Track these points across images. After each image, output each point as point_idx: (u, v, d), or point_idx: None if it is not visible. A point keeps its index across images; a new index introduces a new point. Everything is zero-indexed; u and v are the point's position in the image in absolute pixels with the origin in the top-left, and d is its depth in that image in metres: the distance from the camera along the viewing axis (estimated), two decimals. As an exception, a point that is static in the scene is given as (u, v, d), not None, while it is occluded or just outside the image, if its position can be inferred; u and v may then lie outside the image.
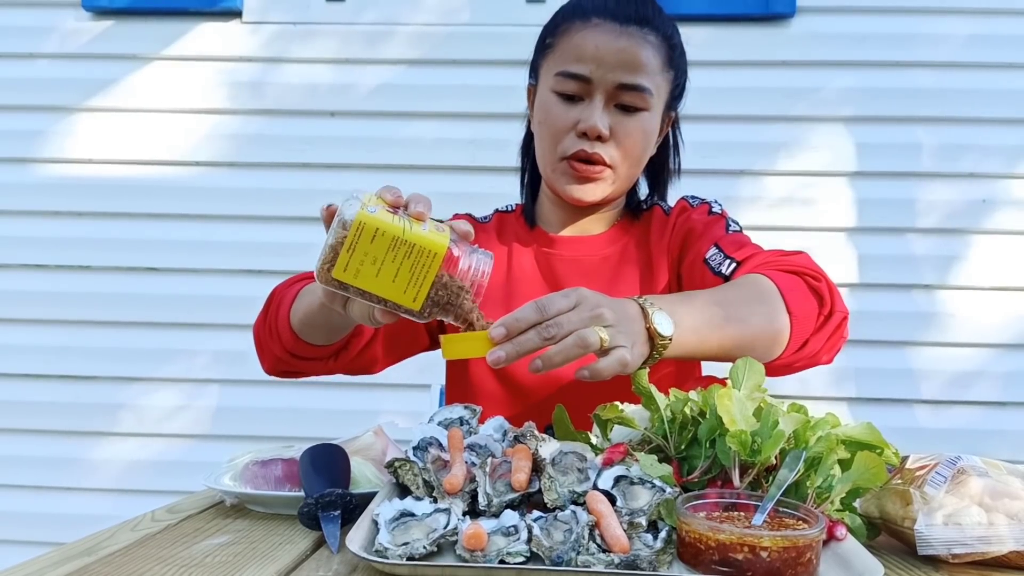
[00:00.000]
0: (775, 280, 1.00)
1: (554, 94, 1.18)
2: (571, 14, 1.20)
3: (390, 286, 0.81)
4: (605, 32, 1.14)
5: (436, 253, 0.79)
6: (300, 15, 2.34)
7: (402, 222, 0.80)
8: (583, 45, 1.15)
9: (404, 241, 0.79)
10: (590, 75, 1.14)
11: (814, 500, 0.78)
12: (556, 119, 1.17)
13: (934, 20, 2.26)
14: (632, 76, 1.14)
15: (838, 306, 1.05)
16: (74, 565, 0.74)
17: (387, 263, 0.80)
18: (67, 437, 2.31)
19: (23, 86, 2.36)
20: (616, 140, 1.16)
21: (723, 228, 1.20)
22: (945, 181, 2.25)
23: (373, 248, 0.79)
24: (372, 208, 0.80)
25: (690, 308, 0.91)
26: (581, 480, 0.80)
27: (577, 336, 0.79)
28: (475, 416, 0.96)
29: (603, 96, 1.15)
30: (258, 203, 2.31)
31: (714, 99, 2.28)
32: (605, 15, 1.16)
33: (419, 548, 0.70)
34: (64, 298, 2.32)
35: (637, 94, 1.15)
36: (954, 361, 2.23)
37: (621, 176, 1.20)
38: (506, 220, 1.36)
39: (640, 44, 1.14)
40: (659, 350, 0.85)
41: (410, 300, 0.81)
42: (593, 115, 1.14)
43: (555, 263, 1.27)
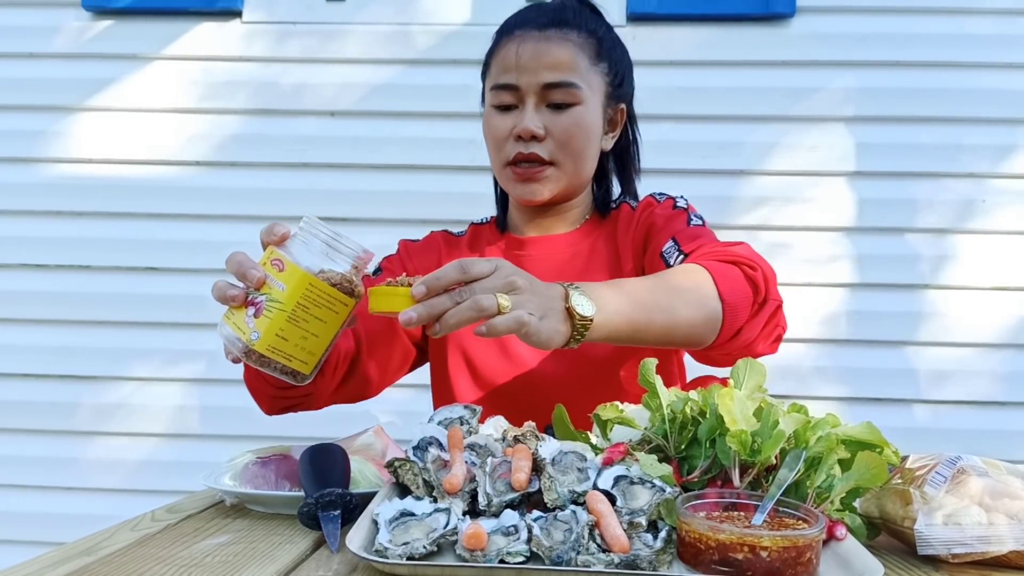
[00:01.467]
0: (710, 269, 1.01)
1: (492, 108, 1.24)
2: (499, 34, 1.27)
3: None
4: (526, 40, 1.21)
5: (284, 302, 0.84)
6: (300, 15, 2.34)
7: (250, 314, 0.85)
8: (507, 56, 1.21)
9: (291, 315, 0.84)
10: (517, 82, 1.20)
11: (814, 500, 0.78)
12: (495, 129, 1.23)
13: (934, 20, 2.26)
14: (556, 74, 1.19)
15: (772, 294, 1.04)
16: (74, 565, 0.74)
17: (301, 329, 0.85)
18: (67, 437, 2.31)
19: (23, 86, 2.36)
20: (552, 137, 1.21)
21: (684, 222, 1.23)
22: (945, 181, 2.25)
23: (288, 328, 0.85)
24: (227, 329, 0.87)
25: (616, 293, 0.92)
26: (581, 480, 0.80)
27: (473, 300, 0.80)
28: (475, 416, 0.96)
29: (534, 98, 1.20)
30: (258, 203, 2.31)
31: (714, 99, 2.28)
32: (526, 26, 1.23)
33: (419, 548, 0.70)
34: (64, 298, 2.32)
35: (564, 90, 1.20)
36: (954, 361, 2.23)
37: (568, 172, 1.24)
38: (480, 231, 1.41)
39: (560, 43, 1.20)
40: (579, 330, 0.86)
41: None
42: (524, 117, 1.20)
43: (524, 264, 1.29)
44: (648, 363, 0.88)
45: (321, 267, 0.85)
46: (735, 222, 2.25)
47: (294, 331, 0.84)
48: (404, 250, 1.39)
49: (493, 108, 1.24)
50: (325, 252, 0.86)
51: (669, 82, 2.27)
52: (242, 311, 0.85)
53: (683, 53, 2.29)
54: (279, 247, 0.86)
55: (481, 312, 0.80)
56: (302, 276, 0.83)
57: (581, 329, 0.86)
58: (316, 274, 0.84)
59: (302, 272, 0.83)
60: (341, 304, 0.86)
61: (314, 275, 0.84)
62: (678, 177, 2.26)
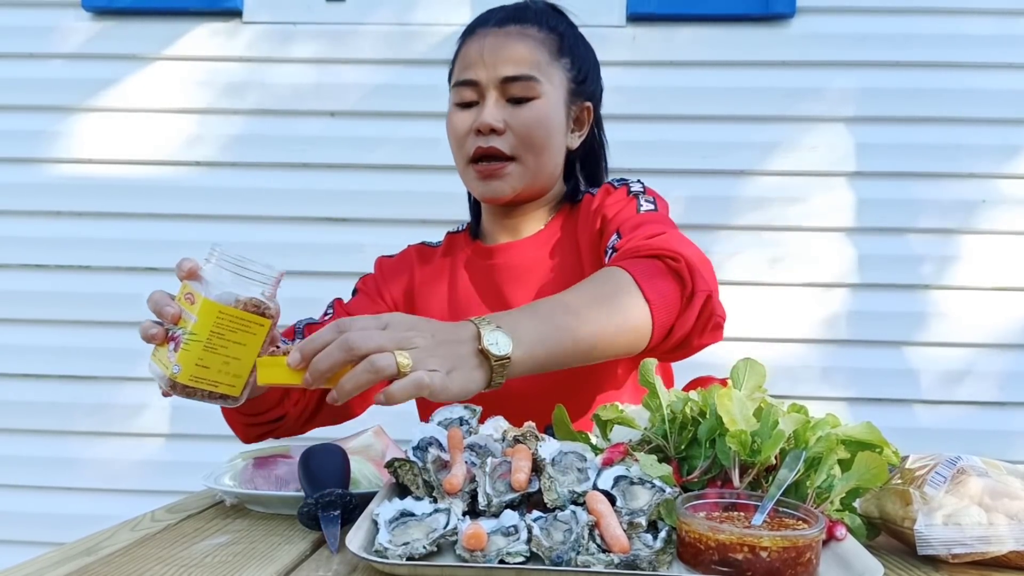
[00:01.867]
0: (630, 270, 0.96)
1: (454, 105, 1.24)
2: (462, 36, 1.28)
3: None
4: (485, 36, 1.22)
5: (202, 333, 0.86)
6: (300, 15, 2.34)
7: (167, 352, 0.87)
8: (468, 54, 1.22)
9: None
10: (476, 77, 1.20)
11: (814, 500, 0.78)
12: (456, 126, 1.23)
13: (934, 20, 2.26)
14: (515, 68, 1.19)
15: (699, 285, 0.98)
16: (74, 565, 0.74)
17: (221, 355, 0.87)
18: (67, 437, 2.31)
19: (23, 86, 2.36)
20: (512, 131, 1.19)
21: (633, 210, 1.17)
22: (944, 181, 2.25)
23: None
24: (154, 366, 0.88)
25: (533, 319, 0.86)
26: (581, 480, 0.80)
27: (368, 361, 0.73)
28: (475, 416, 0.96)
29: (494, 93, 1.20)
30: (258, 203, 2.31)
31: (714, 99, 2.28)
32: (485, 24, 1.24)
33: (419, 548, 0.70)
34: (64, 298, 2.32)
35: (524, 84, 1.19)
36: (954, 361, 2.23)
37: (530, 167, 1.22)
38: (455, 240, 1.40)
39: (519, 38, 1.20)
40: (497, 372, 0.80)
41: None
42: (484, 111, 1.19)
43: (492, 273, 1.29)
44: (648, 363, 0.88)
45: (231, 293, 0.86)
46: (735, 222, 2.25)
47: (214, 358, 0.86)
48: (379, 269, 1.38)
49: (455, 106, 1.24)
50: (233, 279, 0.87)
51: (669, 82, 2.27)
52: (164, 347, 0.87)
53: (683, 53, 2.29)
54: (190, 280, 0.88)
55: (379, 373, 0.73)
56: (211, 306, 0.85)
57: (499, 370, 0.80)
58: (226, 302, 0.86)
59: (211, 302, 0.85)
60: (256, 325, 0.88)
61: (223, 304, 0.85)
62: (678, 177, 2.26)
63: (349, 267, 2.29)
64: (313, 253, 2.29)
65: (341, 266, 2.28)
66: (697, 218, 2.25)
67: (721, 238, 2.25)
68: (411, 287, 1.34)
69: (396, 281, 1.35)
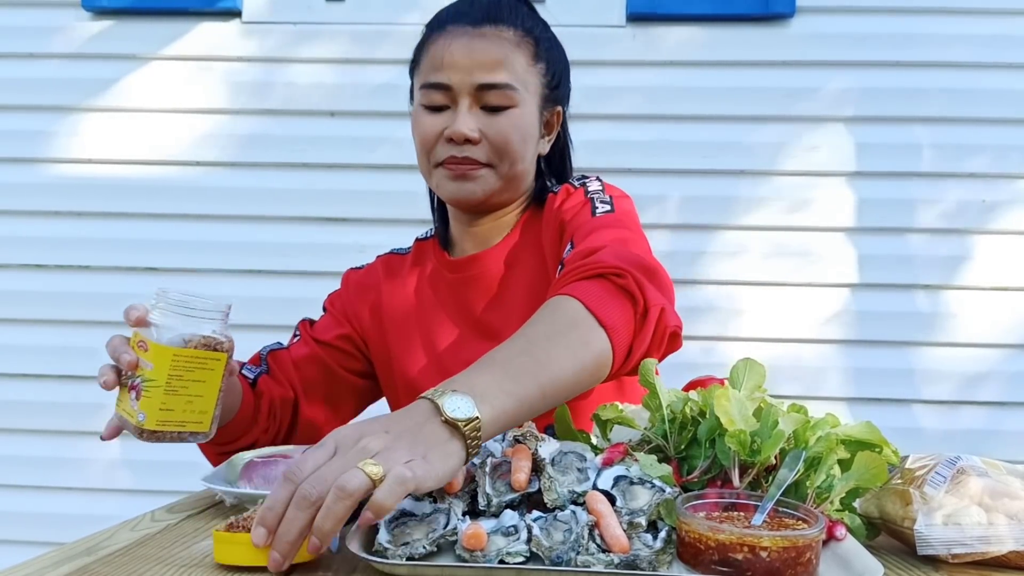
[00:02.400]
0: (580, 297, 0.90)
1: (422, 107, 1.18)
2: (429, 28, 1.20)
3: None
4: (458, 36, 1.14)
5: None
6: (300, 15, 2.34)
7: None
8: (439, 54, 1.14)
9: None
10: (449, 81, 1.13)
11: (814, 500, 0.78)
12: (424, 130, 1.17)
13: (934, 20, 2.26)
14: (491, 75, 1.13)
15: (651, 300, 0.93)
16: (74, 565, 0.74)
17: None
18: (67, 437, 2.31)
19: (22, 86, 2.36)
20: (488, 140, 1.14)
21: (588, 214, 1.12)
22: (945, 181, 2.25)
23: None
24: (119, 416, 0.89)
25: (490, 372, 0.79)
26: (581, 480, 0.80)
27: (336, 488, 0.65)
28: (475, 416, 0.96)
29: (467, 100, 1.14)
30: (258, 203, 2.31)
31: (714, 99, 2.28)
32: (458, 20, 1.16)
33: (419, 548, 0.70)
34: (64, 298, 2.32)
35: (500, 92, 1.13)
36: (954, 361, 2.23)
37: (503, 174, 1.17)
38: (424, 248, 1.35)
39: (495, 42, 1.14)
40: (472, 438, 0.73)
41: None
42: (457, 120, 1.13)
43: (457, 287, 1.25)
44: (648, 363, 0.88)
45: (181, 334, 0.86)
46: (735, 222, 2.25)
47: (176, 400, 0.87)
48: (345, 287, 1.35)
49: (423, 108, 1.18)
50: (183, 320, 0.88)
51: (669, 82, 2.27)
52: (127, 396, 0.88)
53: (683, 53, 2.29)
54: (139, 328, 0.89)
55: (353, 496, 0.65)
56: (164, 351, 0.85)
57: (473, 435, 0.73)
58: (178, 344, 0.86)
59: (163, 347, 0.86)
60: (213, 360, 0.88)
61: (176, 347, 0.86)
62: (678, 177, 2.26)
63: (349, 267, 2.29)
64: (313, 253, 2.29)
65: (341, 266, 2.25)
66: (697, 218, 2.25)
67: (721, 238, 2.25)
68: (378, 304, 1.30)
69: (362, 300, 1.31)
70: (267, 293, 2.28)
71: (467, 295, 1.24)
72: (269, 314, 2.27)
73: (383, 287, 1.32)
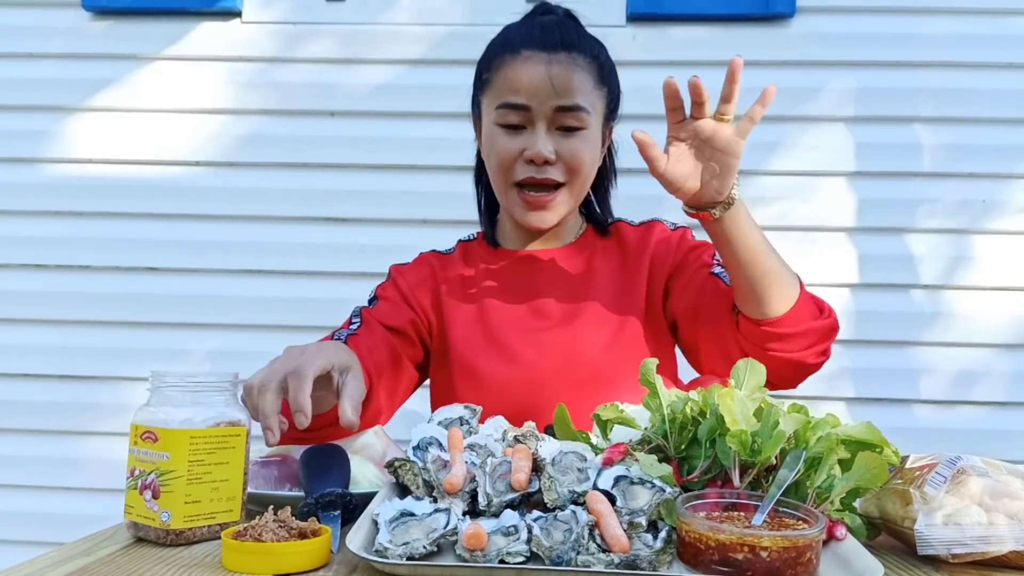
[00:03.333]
0: (800, 279, 1.19)
1: (498, 126, 1.24)
2: (502, 48, 1.27)
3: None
4: (536, 62, 1.21)
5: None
6: (300, 15, 2.34)
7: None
8: (516, 77, 1.22)
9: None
10: (528, 103, 1.21)
11: (814, 500, 0.78)
12: (503, 150, 1.24)
13: (934, 20, 2.26)
14: (568, 99, 1.21)
15: (834, 318, 1.19)
16: (74, 565, 0.74)
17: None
18: (67, 437, 2.30)
19: (23, 86, 2.36)
20: (562, 161, 1.22)
21: (711, 255, 1.31)
22: (945, 181, 2.25)
23: None
24: (136, 524, 0.84)
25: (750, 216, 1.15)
26: (581, 480, 0.80)
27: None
28: (475, 416, 0.96)
29: (544, 122, 1.22)
30: (258, 203, 2.31)
31: (714, 99, 2.28)
32: (533, 46, 1.23)
33: (419, 548, 0.71)
34: (64, 298, 2.32)
35: (575, 115, 1.22)
36: (954, 361, 2.22)
37: (574, 195, 1.27)
38: (470, 247, 1.42)
39: (570, 68, 1.22)
40: (724, 207, 1.11)
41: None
42: (537, 142, 1.21)
43: (525, 275, 1.32)
44: (649, 363, 0.88)
45: (190, 416, 0.81)
46: (735, 222, 2.24)
47: (201, 489, 0.81)
48: (400, 277, 1.38)
49: (499, 127, 1.24)
50: (189, 399, 0.82)
51: (669, 82, 2.27)
52: (139, 500, 0.81)
53: (683, 53, 2.29)
54: (143, 421, 0.82)
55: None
56: (180, 435, 0.79)
57: (726, 205, 1.11)
58: (194, 426, 0.81)
59: (178, 431, 0.80)
60: (233, 437, 0.83)
61: (192, 428, 0.80)
62: (678, 177, 2.25)
63: (349, 267, 2.29)
64: (313, 253, 2.29)
65: (341, 266, 2.28)
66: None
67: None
68: (437, 296, 1.35)
69: (422, 290, 1.35)
70: (267, 293, 2.28)
71: (538, 283, 1.31)
72: (269, 314, 2.27)
73: (440, 280, 1.36)
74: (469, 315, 1.31)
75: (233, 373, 0.87)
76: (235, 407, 0.85)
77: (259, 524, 0.75)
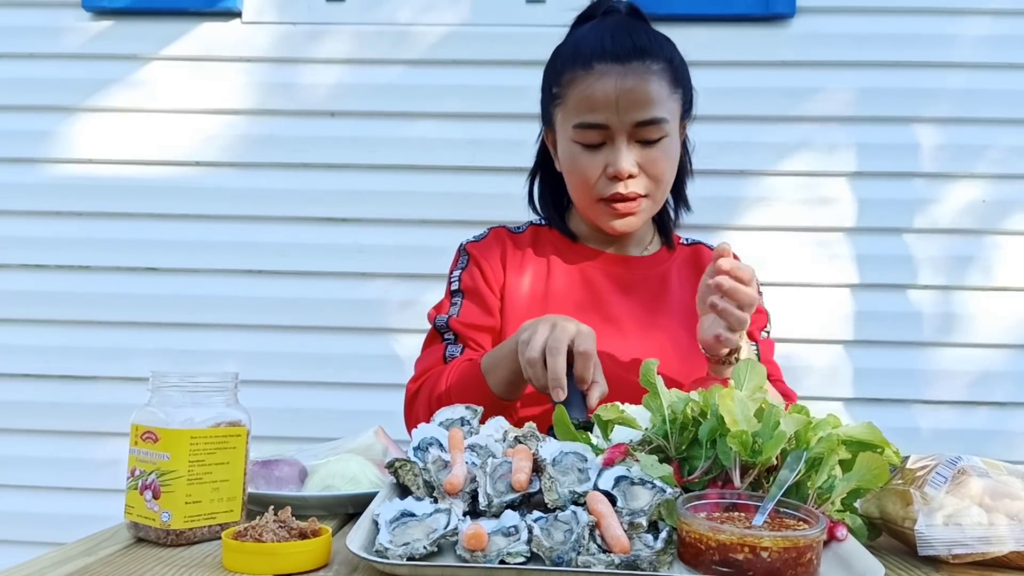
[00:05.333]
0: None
1: (578, 145, 1.22)
2: (572, 63, 1.23)
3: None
4: (610, 76, 1.18)
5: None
6: (300, 15, 2.33)
7: None
8: (592, 95, 1.19)
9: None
10: (606, 122, 1.19)
11: (815, 500, 0.78)
12: (584, 168, 1.22)
13: (934, 20, 2.26)
14: (646, 112, 1.19)
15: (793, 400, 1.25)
16: (74, 565, 0.74)
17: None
18: (67, 437, 2.30)
19: (22, 86, 2.36)
20: (645, 172, 1.22)
21: (764, 321, 1.34)
22: (945, 181, 2.25)
23: None
24: (135, 524, 0.84)
25: None
26: (581, 480, 0.80)
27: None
28: (476, 416, 0.96)
29: (624, 137, 1.19)
30: (258, 203, 2.31)
31: (714, 99, 2.26)
32: (605, 58, 1.19)
33: (419, 548, 0.70)
34: (64, 298, 2.31)
35: (655, 127, 1.20)
36: (955, 361, 2.22)
37: (657, 202, 1.27)
38: (542, 232, 1.39)
39: (646, 78, 1.19)
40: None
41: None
42: (619, 158, 1.19)
43: (597, 276, 1.31)
44: (649, 364, 0.88)
45: (192, 416, 0.81)
46: (736, 222, 2.24)
47: (202, 490, 0.81)
48: (476, 251, 1.35)
49: (579, 145, 1.22)
50: (190, 399, 0.82)
51: (669, 82, 2.27)
52: (139, 500, 0.81)
53: (683, 53, 2.29)
54: (143, 421, 0.82)
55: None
56: (181, 435, 0.79)
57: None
58: (194, 426, 0.80)
59: (179, 431, 0.79)
60: (234, 437, 0.83)
61: (192, 428, 0.80)
62: (678, 177, 2.26)
63: (349, 267, 2.29)
64: (313, 253, 2.29)
65: (341, 266, 2.28)
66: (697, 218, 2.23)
67: (721, 238, 2.24)
68: (504, 263, 1.33)
69: (497, 260, 1.33)
70: (267, 293, 2.28)
71: (607, 286, 1.31)
72: (269, 314, 2.27)
73: (508, 249, 1.35)
74: (531, 306, 1.29)
75: (233, 373, 0.86)
76: (235, 407, 0.85)
77: (259, 524, 0.75)
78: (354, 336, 2.25)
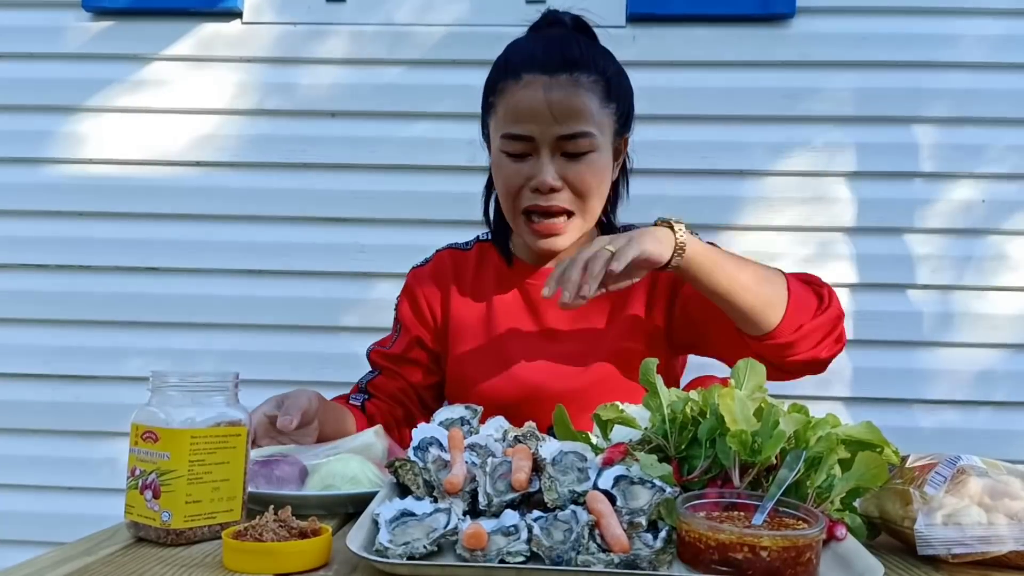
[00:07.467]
0: (786, 275, 1.14)
1: (504, 154, 1.22)
2: (504, 72, 1.22)
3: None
4: (536, 88, 1.17)
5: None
6: (301, 16, 2.33)
7: None
8: (518, 105, 1.18)
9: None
10: (531, 133, 1.18)
11: (814, 500, 0.78)
12: (509, 177, 1.22)
13: (934, 20, 2.26)
14: (571, 125, 1.17)
15: (835, 304, 1.14)
16: (74, 565, 0.74)
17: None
18: (67, 437, 2.30)
19: (22, 86, 2.36)
20: (570, 186, 1.20)
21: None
22: (945, 181, 2.25)
23: None
24: (135, 523, 0.85)
25: (705, 247, 1.07)
26: (581, 480, 0.80)
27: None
28: (476, 416, 0.96)
29: (548, 150, 1.18)
30: (258, 203, 2.31)
31: (714, 99, 2.28)
32: (533, 69, 1.18)
33: (419, 548, 0.71)
34: (64, 298, 2.32)
35: (580, 140, 1.18)
36: (954, 361, 2.22)
37: (586, 217, 1.24)
38: (486, 250, 1.39)
39: (573, 91, 1.17)
40: (680, 233, 1.03)
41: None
42: (542, 171, 1.18)
43: (535, 291, 1.30)
44: (649, 363, 0.88)
45: (193, 415, 0.81)
46: (735, 222, 2.24)
47: (202, 489, 0.81)
48: (415, 281, 1.38)
49: (505, 156, 1.22)
50: (190, 399, 0.82)
51: (669, 82, 2.27)
52: (140, 499, 0.81)
53: (683, 53, 2.29)
54: (143, 421, 0.82)
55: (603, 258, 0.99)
56: (181, 434, 0.79)
57: (680, 232, 1.04)
58: (194, 425, 0.81)
59: (179, 431, 0.79)
60: (234, 437, 0.83)
61: (192, 427, 0.80)
62: (678, 177, 2.26)
63: (349, 267, 2.29)
64: (313, 253, 2.29)
65: (341, 266, 2.28)
66: (697, 218, 2.23)
67: (721, 238, 2.24)
68: (447, 300, 1.36)
69: (433, 296, 1.36)
70: (267, 293, 2.28)
71: (547, 303, 1.28)
72: (269, 314, 2.27)
73: (451, 281, 1.36)
74: (475, 332, 1.31)
75: (233, 373, 0.86)
76: (235, 407, 0.85)
77: (259, 524, 0.75)
78: (354, 336, 2.25)
